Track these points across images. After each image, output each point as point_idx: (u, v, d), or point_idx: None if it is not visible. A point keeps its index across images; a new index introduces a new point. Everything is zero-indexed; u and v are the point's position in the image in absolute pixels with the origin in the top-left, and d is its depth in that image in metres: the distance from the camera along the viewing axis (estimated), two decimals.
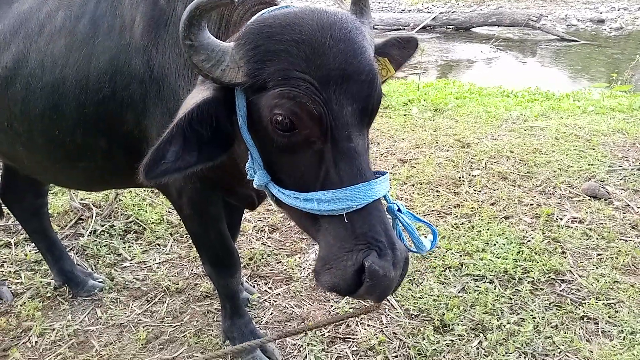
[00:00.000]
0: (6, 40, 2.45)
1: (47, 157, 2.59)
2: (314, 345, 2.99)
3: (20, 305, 3.36)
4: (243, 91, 1.64)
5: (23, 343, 3.07)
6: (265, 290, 3.50)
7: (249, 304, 3.33)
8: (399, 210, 1.83)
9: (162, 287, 3.53)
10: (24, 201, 3.43)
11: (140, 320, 3.25)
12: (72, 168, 2.62)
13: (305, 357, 2.92)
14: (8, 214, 4.31)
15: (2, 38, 2.47)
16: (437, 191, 4.81)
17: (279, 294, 3.46)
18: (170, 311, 3.32)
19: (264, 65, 1.57)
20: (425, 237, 1.93)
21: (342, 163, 1.60)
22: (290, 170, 1.69)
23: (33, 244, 3.91)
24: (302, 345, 3.00)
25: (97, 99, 2.24)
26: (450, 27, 18.74)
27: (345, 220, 1.60)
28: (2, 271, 3.72)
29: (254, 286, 3.54)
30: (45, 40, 2.35)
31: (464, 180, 4.97)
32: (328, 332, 3.11)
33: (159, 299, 3.44)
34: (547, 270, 3.62)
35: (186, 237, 4.06)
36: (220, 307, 3.05)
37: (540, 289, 3.46)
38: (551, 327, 3.11)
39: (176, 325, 3.19)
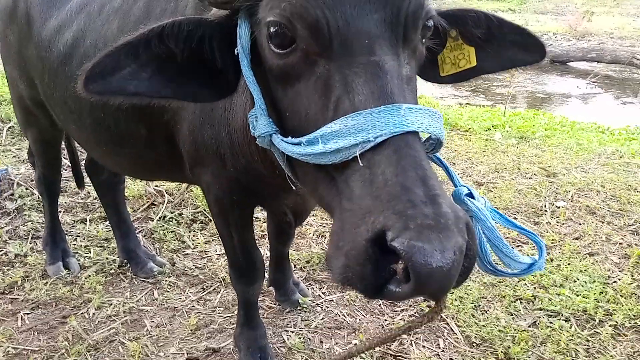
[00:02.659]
0: (71, 18, 2.51)
1: (94, 138, 2.63)
2: None
3: (85, 278, 3.47)
4: (246, 16, 1.38)
5: (81, 313, 3.16)
6: (319, 295, 3.38)
7: (299, 306, 3.23)
8: (469, 194, 1.33)
9: (219, 278, 3.52)
10: (102, 175, 3.59)
11: (193, 306, 3.25)
12: (117, 153, 2.64)
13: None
14: (88, 192, 4.54)
15: (68, 15, 2.53)
16: (515, 218, 4.48)
17: (332, 300, 3.33)
18: (223, 302, 3.29)
19: None
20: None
21: (358, 83, 1.19)
22: (295, 110, 1.33)
23: (106, 223, 4.07)
24: None
25: None
26: (546, 59, 17.92)
27: (360, 163, 1.15)
28: (75, 244, 3.88)
29: (308, 289, 3.43)
30: (102, 20, 2.37)
31: (545, 211, 4.61)
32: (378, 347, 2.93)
33: (214, 289, 3.42)
34: (634, 315, 3.22)
35: None
36: None
37: (624, 334, 3.07)
38: None
39: (226, 316, 3.15)
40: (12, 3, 2.87)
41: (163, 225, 4.13)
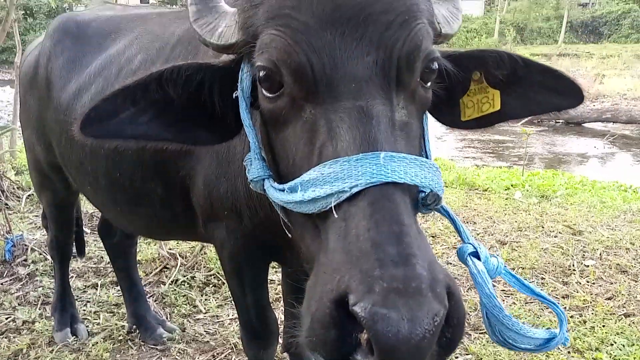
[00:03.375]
0: (90, 81, 2.55)
1: (110, 199, 2.61)
2: None
3: (92, 345, 3.33)
4: (248, 59, 1.34)
5: None
6: None
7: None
8: (474, 254, 1.20)
9: (231, 344, 3.34)
10: (114, 237, 3.54)
11: None
12: (133, 213, 2.61)
13: None
14: (101, 257, 4.48)
15: (87, 79, 2.57)
16: (542, 278, 4.27)
17: None
18: None
19: (255, 11, 1.27)
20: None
21: (342, 129, 1.13)
22: (284, 155, 1.28)
23: (117, 287, 3.97)
24: None
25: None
26: (560, 121, 17.98)
27: (335, 215, 1.08)
28: (84, 310, 3.77)
29: None
30: (120, 83, 2.38)
31: (574, 270, 4.39)
32: None
33: (225, 356, 3.24)
34: None
35: None
36: None
37: None
38: None
39: None
40: (33, 70, 2.96)
41: (175, 289, 4.01)
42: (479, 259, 1.22)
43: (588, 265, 4.48)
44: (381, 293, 0.91)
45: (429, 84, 1.33)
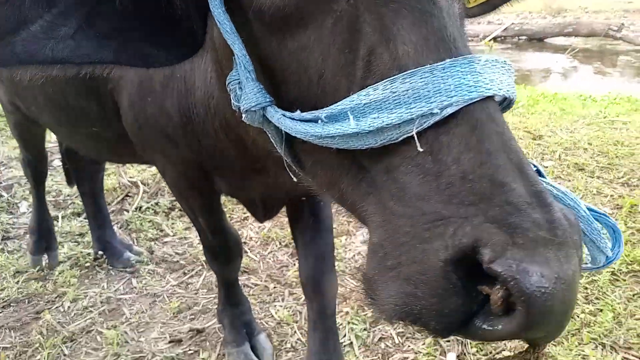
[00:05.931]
0: None
1: (51, 118, 2.43)
2: (355, 324, 2.69)
3: (59, 273, 3.30)
4: None
5: (56, 307, 2.99)
6: None
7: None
8: (537, 172, 0.90)
9: (201, 262, 3.36)
10: (80, 162, 3.42)
11: (174, 291, 3.10)
12: (77, 133, 2.43)
13: (345, 335, 2.62)
14: (60, 190, 4.36)
15: None
16: None
17: None
18: (205, 284, 3.14)
19: None
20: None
21: (402, 26, 0.82)
22: (301, 72, 0.93)
23: (79, 218, 3.92)
24: (341, 323, 2.70)
25: None
26: (523, 37, 17.96)
27: (419, 148, 0.80)
28: None
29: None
30: None
31: None
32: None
33: (196, 272, 3.27)
34: (631, 261, 3.11)
35: (229, 215, 3.90)
36: None
37: (622, 279, 2.97)
38: (635, 319, 2.63)
39: (210, 297, 3.00)
40: None
41: (139, 216, 3.97)
42: (539, 173, 0.95)
43: (547, 166, 4.60)
44: (527, 245, 0.72)
45: None
